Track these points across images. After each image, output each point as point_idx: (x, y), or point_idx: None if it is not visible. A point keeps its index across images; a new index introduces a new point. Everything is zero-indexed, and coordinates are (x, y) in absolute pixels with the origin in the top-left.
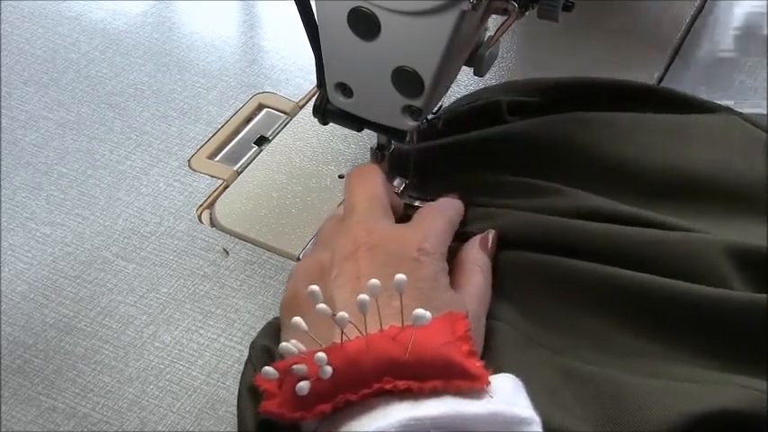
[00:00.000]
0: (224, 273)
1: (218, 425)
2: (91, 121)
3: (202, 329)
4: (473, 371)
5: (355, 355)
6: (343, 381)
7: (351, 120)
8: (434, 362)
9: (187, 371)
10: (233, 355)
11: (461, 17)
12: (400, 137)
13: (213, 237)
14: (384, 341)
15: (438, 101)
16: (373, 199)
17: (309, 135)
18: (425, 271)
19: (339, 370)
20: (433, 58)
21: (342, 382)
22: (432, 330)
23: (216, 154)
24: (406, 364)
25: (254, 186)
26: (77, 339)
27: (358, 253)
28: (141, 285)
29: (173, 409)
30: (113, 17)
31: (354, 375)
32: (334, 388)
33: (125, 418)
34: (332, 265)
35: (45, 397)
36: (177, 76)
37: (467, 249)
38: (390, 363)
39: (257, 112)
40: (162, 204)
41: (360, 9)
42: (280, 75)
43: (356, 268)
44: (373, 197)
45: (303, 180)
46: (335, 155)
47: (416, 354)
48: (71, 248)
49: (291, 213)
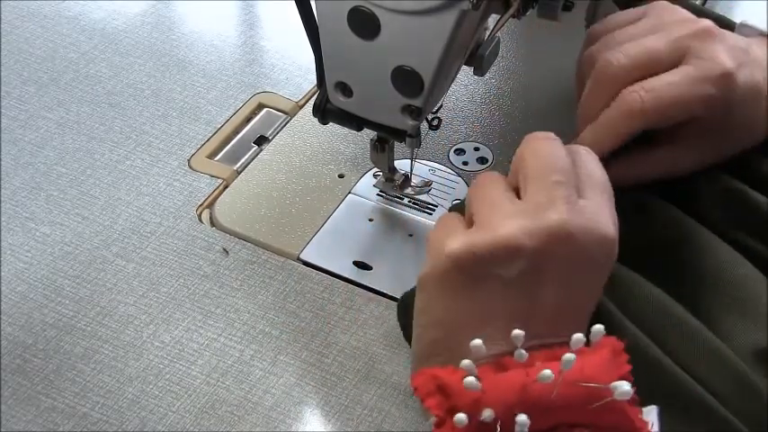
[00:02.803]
0: (224, 272)
1: (218, 425)
2: (90, 120)
3: (202, 329)
4: (639, 425)
5: (540, 404)
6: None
7: (350, 119)
8: (608, 413)
9: (187, 370)
10: (233, 354)
11: (461, 16)
12: (400, 136)
13: (213, 236)
14: (569, 388)
15: (438, 100)
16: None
17: (309, 135)
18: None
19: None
20: (432, 57)
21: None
22: (601, 369)
23: (216, 154)
24: (583, 414)
25: (253, 186)
26: (77, 339)
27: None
28: (141, 285)
29: (172, 408)
30: (113, 17)
31: (536, 421)
32: None
33: (125, 417)
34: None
35: (45, 396)
36: (177, 76)
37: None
38: (569, 413)
39: (257, 112)
40: (162, 204)
41: (360, 9)
42: (279, 74)
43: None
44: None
45: (303, 180)
46: (335, 155)
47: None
48: (71, 248)
49: (291, 213)
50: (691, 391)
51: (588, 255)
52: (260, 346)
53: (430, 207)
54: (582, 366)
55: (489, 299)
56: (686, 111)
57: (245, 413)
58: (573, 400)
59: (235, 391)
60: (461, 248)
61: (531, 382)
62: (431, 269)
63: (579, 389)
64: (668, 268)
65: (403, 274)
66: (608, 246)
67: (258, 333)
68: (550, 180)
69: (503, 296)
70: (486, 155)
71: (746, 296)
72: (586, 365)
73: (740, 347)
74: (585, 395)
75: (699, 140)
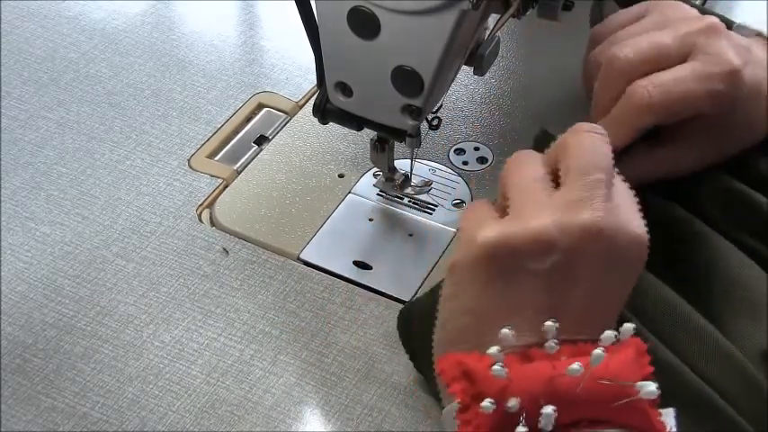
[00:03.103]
0: (224, 272)
1: (218, 424)
2: (90, 120)
3: (202, 329)
4: (659, 427)
5: (571, 398)
6: None
7: (350, 119)
8: (630, 412)
9: (187, 370)
10: (233, 354)
11: (461, 16)
12: (400, 136)
13: (213, 236)
14: (594, 384)
15: (438, 100)
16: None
17: (309, 135)
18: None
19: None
20: (432, 57)
21: None
22: (626, 367)
23: (216, 153)
24: (606, 410)
25: (253, 186)
26: (77, 339)
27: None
28: (141, 285)
29: (172, 408)
30: (113, 17)
31: (560, 414)
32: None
33: (125, 417)
34: (551, 244)
35: (45, 396)
36: (177, 76)
37: None
38: (593, 409)
39: (257, 112)
40: (162, 204)
41: (360, 8)
42: (279, 74)
43: (574, 261)
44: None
45: (303, 180)
46: (335, 154)
47: (618, 399)
48: (71, 248)
49: (291, 213)
50: (699, 391)
51: (620, 254)
52: (260, 346)
53: (430, 207)
54: (608, 363)
55: (519, 290)
56: (694, 106)
57: (245, 413)
58: (598, 396)
59: (235, 390)
60: (495, 238)
61: (558, 375)
62: (463, 257)
63: (604, 386)
64: (679, 270)
65: (403, 274)
66: (639, 246)
67: (258, 333)
68: (593, 177)
69: (533, 289)
70: (486, 155)
71: (755, 298)
72: (612, 363)
73: (749, 349)
74: (610, 392)
75: (701, 139)
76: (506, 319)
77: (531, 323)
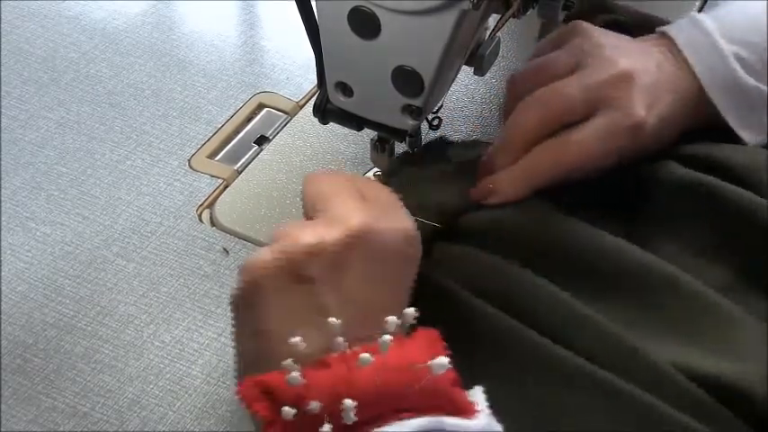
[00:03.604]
0: (224, 272)
1: (218, 424)
2: (91, 120)
3: (202, 329)
4: (462, 404)
5: (371, 393)
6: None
7: (351, 119)
8: (435, 396)
9: (187, 370)
10: (233, 354)
11: (461, 16)
12: (400, 136)
13: (213, 236)
14: (394, 375)
15: (438, 100)
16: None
17: (309, 135)
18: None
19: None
20: (433, 57)
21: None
22: (420, 352)
23: (216, 153)
24: (409, 399)
25: (254, 186)
26: (77, 339)
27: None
28: (141, 285)
29: (173, 408)
30: (113, 17)
31: (365, 411)
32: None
33: (125, 417)
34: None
35: (45, 396)
36: (177, 76)
37: None
38: (398, 399)
39: (257, 112)
40: (162, 204)
41: (360, 8)
42: (280, 74)
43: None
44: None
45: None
46: (335, 154)
47: (421, 388)
48: (71, 248)
49: (291, 213)
50: (569, 361)
51: (385, 248)
52: None
53: None
54: (401, 353)
55: (298, 300)
56: (600, 162)
57: (245, 413)
58: (396, 386)
59: None
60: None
61: (353, 370)
62: (236, 290)
63: (400, 374)
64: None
65: None
66: (408, 239)
67: None
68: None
69: (310, 294)
70: None
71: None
72: (405, 351)
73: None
74: (406, 379)
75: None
76: (295, 330)
77: (318, 328)
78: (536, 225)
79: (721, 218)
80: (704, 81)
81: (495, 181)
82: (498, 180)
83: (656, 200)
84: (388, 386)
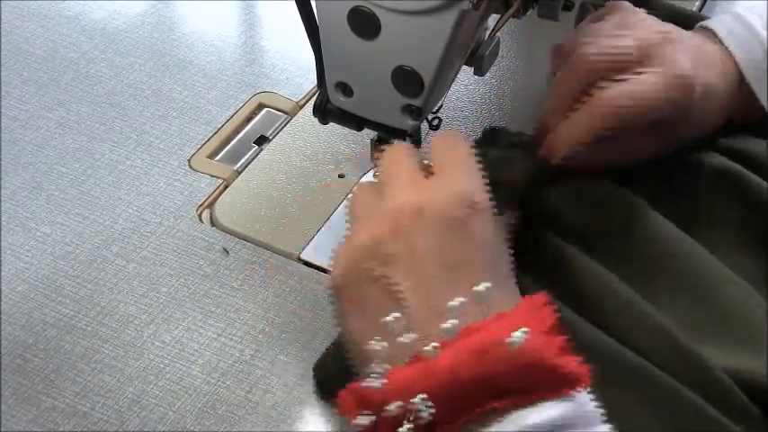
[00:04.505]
0: (224, 272)
1: (218, 424)
2: (91, 120)
3: (202, 329)
4: (573, 374)
5: (449, 383)
6: (440, 411)
7: (351, 119)
8: (531, 371)
9: (187, 370)
10: (233, 354)
11: (461, 16)
12: (400, 136)
13: (213, 236)
14: (474, 359)
15: (438, 100)
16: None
17: (309, 135)
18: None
19: (436, 400)
20: (432, 57)
21: (440, 412)
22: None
23: (216, 153)
24: (503, 379)
25: (254, 186)
26: (77, 339)
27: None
28: (141, 285)
29: (173, 408)
30: (113, 17)
31: (453, 403)
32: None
33: (125, 417)
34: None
35: (45, 396)
36: (177, 76)
37: None
38: (487, 383)
39: (257, 112)
40: (162, 204)
41: (360, 8)
42: (280, 74)
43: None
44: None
45: (303, 180)
46: (335, 155)
47: (511, 366)
48: (71, 248)
49: (291, 213)
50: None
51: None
52: (260, 346)
53: None
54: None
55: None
56: (655, 114)
57: (245, 413)
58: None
59: (235, 390)
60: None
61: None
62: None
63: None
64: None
65: None
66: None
67: (258, 333)
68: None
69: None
70: None
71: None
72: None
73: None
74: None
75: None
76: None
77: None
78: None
79: (753, 206)
80: (742, 66)
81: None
82: (556, 136)
83: (693, 189)
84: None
